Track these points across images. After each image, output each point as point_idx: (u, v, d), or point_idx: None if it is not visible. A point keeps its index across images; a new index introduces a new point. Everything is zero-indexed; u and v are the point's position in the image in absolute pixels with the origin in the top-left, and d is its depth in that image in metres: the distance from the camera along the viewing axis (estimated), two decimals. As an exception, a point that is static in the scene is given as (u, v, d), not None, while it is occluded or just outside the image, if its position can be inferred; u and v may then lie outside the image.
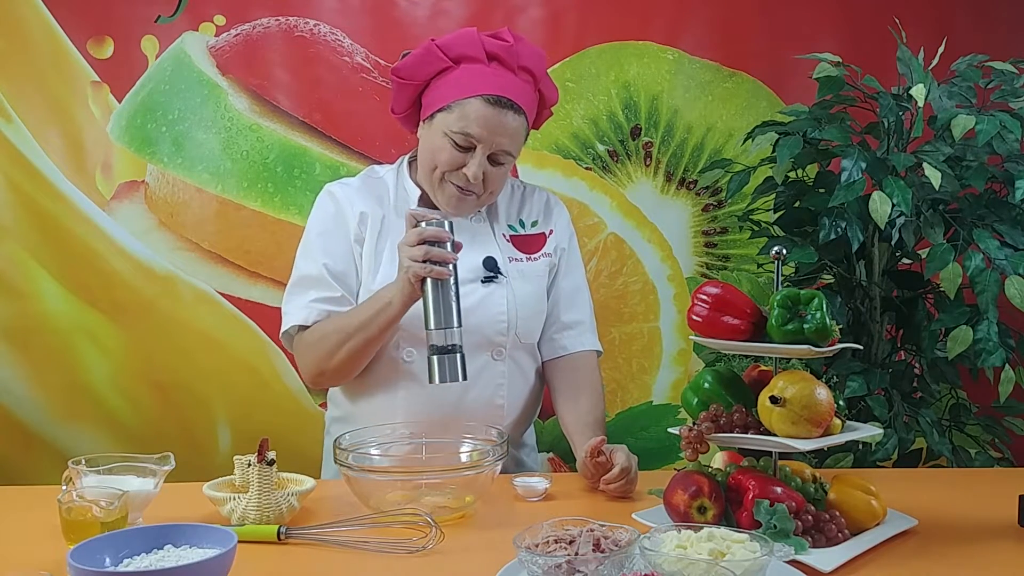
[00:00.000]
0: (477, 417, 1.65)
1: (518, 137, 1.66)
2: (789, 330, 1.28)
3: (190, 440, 2.40)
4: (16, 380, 2.38)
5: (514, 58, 1.65)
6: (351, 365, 1.64)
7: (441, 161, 1.64)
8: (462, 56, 1.66)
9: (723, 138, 2.47)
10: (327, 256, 1.69)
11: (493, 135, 1.62)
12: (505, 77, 1.64)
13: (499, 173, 1.66)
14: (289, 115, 2.40)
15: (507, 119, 1.62)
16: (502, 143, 1.63)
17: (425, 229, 1.49)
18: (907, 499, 1.46)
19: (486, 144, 1.62)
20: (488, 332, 1.68)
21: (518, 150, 1.68)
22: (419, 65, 1.69)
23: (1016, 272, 1.87)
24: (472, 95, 1.62)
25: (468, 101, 1.62)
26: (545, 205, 1.83)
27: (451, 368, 1.47)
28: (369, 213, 1.71)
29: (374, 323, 1.57)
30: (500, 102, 1.62)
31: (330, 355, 1.62)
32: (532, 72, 1.67)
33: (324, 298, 1.67)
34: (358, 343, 1.60)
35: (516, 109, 1.63)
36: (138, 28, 2.36)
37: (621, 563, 1.09)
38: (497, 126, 1.62)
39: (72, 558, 1.06)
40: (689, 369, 2.51)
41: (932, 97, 2.01)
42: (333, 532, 1.31)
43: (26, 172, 2.35)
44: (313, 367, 1.66)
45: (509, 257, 1.74)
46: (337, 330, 1.62)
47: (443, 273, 1.48)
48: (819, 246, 2.00)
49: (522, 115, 1.65)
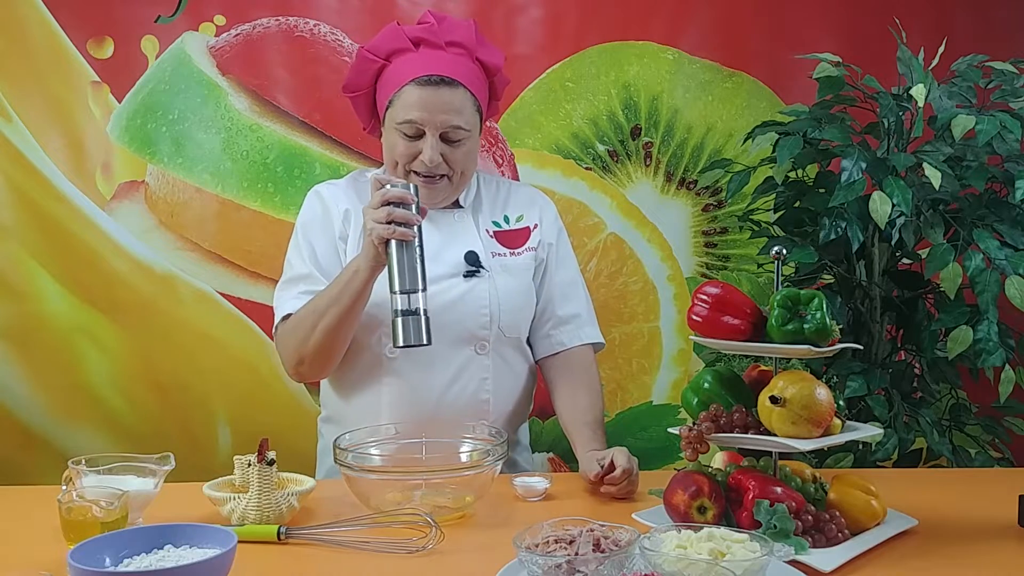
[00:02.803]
0: (463, 412, 1.65)
1: (464, 110, 1.65)
2: (789, 330, 1.28)
3: (190, 440, 2.39)
4: (16, 380, 2.38)
5: (439, 36, 1.67)
6: (329, 346, 1.63)
7: (398, 155, 1.66)
8: (391, 51, 1.69)
9: (723, 138, 2.47)
10: (314, 253, 1.71)
11: (435, 115, 1.63)
12: (434, 56, 1.66)
13: (461, 152, 1.66)
14: (289, 115, 2.40)
15: (444, 96, 1.63)
16: (448, 120, 1.63)
17: (389, 191, 1.49)
18: (907, 499, 1.46)
19: (431, 126, 1.63)
20: (470, 326, 1.68)
21: (472, 123, 1.67)
22: (358, 74, 1.73)
23: (1016, 272, 1.87)
24: (404, 83, 1.64)
25: (403, 90, 1.64)
26: (529, 200, 1.84)
27: (415, 330, 1.46)
28: (353, 211, 1.72)
29: (345, 294, 1.57)
30: (431, 80, 1.63)
31: (306, 338, 1.62)
32: (462, 44, 1.68)
33: (312, 290, 1.67)
34: (332, 319, 1.59)
35: (451, 83, 1.64)
36: (138, 28, 2.36)
37: (621, 563, 1.09)
38: (436, 105, 1.63)
39: (72, 558, 1.06)
40: (689, 369, 2.51)
41: (932, 97, 2.00)
42: (333, 532, 1.31)
43: (26, 172, 2.35)
44: (293, 354, 1.66)
45: (492, 252, 1.74)
46: (310, 311, 1.62)
47: (406, 234, 1.47)
48: (819, 246, 2.00)
49: (460, 87, 1.65)
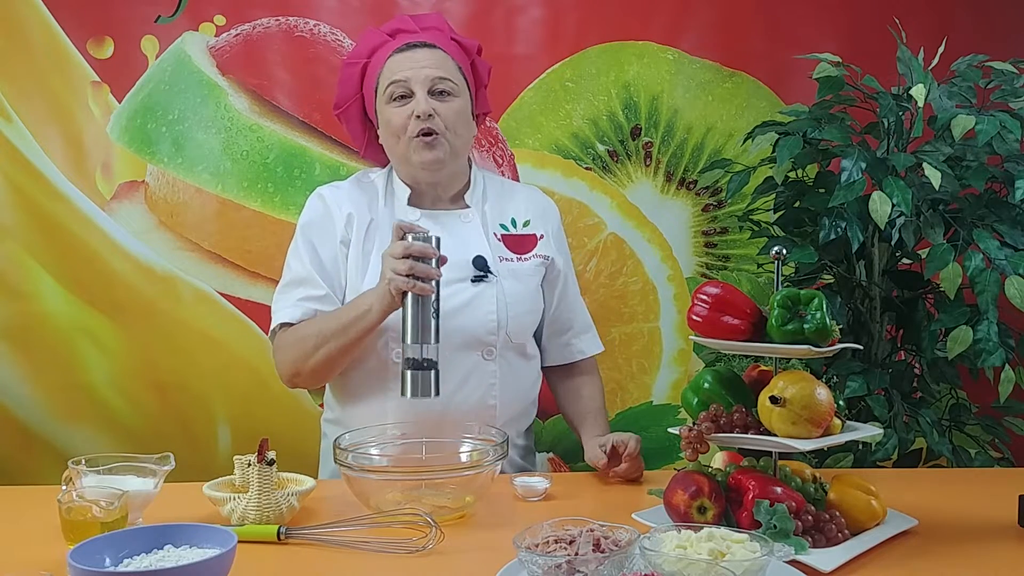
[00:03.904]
0: (469, 418, 1.65)
1: (446, 65, 1.70)
2: (789, 330, 1.28)
3: (190, 440, 2.39)
4: (16, 380, 2.38)
5: (414, 25, 1.73)
6: (326, 369, 1.66)
7: (396, 125, 1.68)
8: (371, 48, 1.74)
9: (723, 138, 2.47)
10: (314, 256, 1.71)
11: (418, 70, 1.67)
12: (411, 37, 1.72)
13: (450, 108, 1.68)
14: (289, 115, 2.39)
15: (424, 54, 1.69)
16: (432, 73, 1.67)
17: (412, 244, 1.49)
18: (907, 499, 1.46)
19: (418, 82, 1.66)
20: (478, 331, 1.68)
21: (458, 81, 1.70)
22: (344, 83, 1.77)
23: (1016, 272, 1.87)
24: (386, 58, 1.70)
25: (385, 65, 1.70)
26: (537, 206, 1.84)
27: (423, 384, 1.48)
28: (356, 215, 1.72)
29: (352, 329, 1.59)
30: (409, 46, 1.69)
31: (306, 357, 1.64)
32: (436, 28, 1.75)
33: (311, 296, 1.68)
34: (334, 348, 1.61)
35: (430, 46, 1.70)
36: (138, 28, 2.36)
37: (621, 563, 1.09)
38: (417, 61, 1.68)
39: (72, 558, 1.06)
40: (689, 369, 2.50)
41: (932, 97, 2.00)
42: (333, 532, 1.31)
43: (26, 172, 2.35)
44: (289, 367, 1.68)
45: (499, 256, 1.74)
46: (315, 333, 1.63)
47: (425, 290, 1.48)
48: (819, 246, 2.00)
49: (439, 50, 1.70)
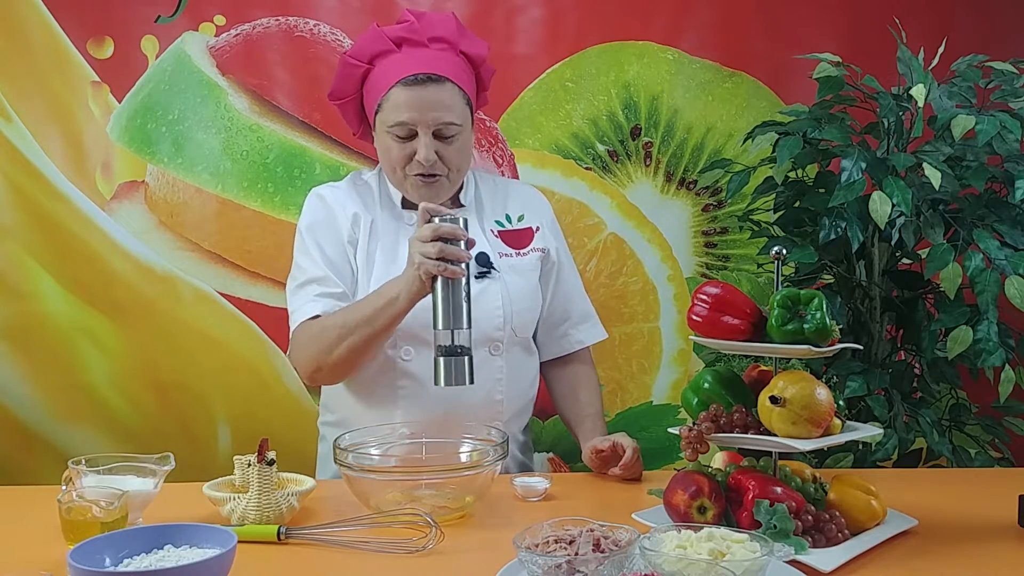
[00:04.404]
0: (477, 413, 1.65)
1: (454, 106, 1.64)
2: (789, 330, 1.28)
3: (190, 440, 2.39)
4: (16, 380, 2.38)
5: (420, 33, 1.66)
6: (350, 361, 1.62)
7: (394, 158, 1.65)
8: (374, 54, 1.68)
9: (723, 138, 2.47)
10: (325, 254, 1.70)
11: (425, 113, 1.62)
12: (417, 54, 1.65)
13: (455, 148, 1.65)
14: (289, 115, 2.39)
15: (432, 93, 1.62)
16: (439, 118, 1.62)
17: (440, 225, 1.45)
18: (907, 499, 1.46)
19: (423, 125, 1.62)
20: (485, 328, 1.68)
21: (463, 118, 1.66)
22: (342, 81, 1.72)
23: (1016, 272, 1.87)
24: (391, 85, 1.63)
25: (390, 93, 1.63)
26: (528, 199, 1.84)
27: (458, 371, 1.45)
28: (361, 215, 1.72)
29: (379, 318, 1.55)
30: (418, 79, 1.62)
31: (330, 349, 1.60)
32: (444, 39, 1.67)
33: (330, 293, 1.66)
34: (359, 338, 1.57)
35: (438, 80, 1.63)
36: (138, 28, 2.35)
37: (621, 563, 1.09)
38: (425, 103, 1.62)
39: (72, 558, 1.06)
40: (689, 369, 2.50)
41: (932, 97, 2.00)
42: (333, 532, 1.31)
43: (26, 172, 2.35)
44: (311, 361, 1.64)
45: (499, 252, 1.74)
46: (338, 324, 1.59)
47: (456, 272, 1.44)
48: (819, 246, 2.00)
49: (447, 83, 1.64)
